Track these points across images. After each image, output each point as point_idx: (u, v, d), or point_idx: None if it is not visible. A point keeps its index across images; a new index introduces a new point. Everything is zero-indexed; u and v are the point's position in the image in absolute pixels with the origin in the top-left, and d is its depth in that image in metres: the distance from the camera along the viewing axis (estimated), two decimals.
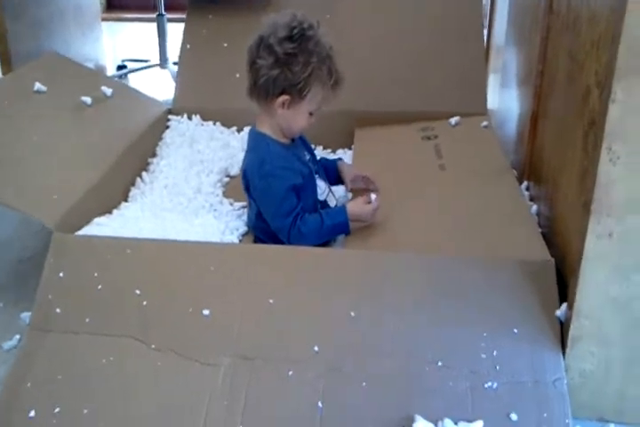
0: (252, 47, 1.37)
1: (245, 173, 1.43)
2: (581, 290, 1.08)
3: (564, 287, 1.15)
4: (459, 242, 1.30)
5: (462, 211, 1.39)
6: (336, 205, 1.52)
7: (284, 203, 1.36)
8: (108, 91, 1.82)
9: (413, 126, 1.80)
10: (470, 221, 1.35)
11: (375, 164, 1.63)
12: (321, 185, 1.49)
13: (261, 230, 1.44)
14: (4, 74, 2.25)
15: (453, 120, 1.78)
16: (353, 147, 1.81)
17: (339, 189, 1.60)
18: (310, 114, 1.40)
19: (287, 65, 1.34)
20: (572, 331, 1.10)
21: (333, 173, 1.58)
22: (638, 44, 0.94)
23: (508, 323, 1.13)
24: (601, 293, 1.08)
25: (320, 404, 1.07)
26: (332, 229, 1.37)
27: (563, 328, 1.12)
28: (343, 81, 1.40)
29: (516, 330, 1.12)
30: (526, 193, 1.51)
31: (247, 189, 1.43)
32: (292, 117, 1.39)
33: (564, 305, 1.12)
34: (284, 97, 1.36)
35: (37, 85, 1.69)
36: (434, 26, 1.99)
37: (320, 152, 1.86)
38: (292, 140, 1.47)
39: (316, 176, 1.49)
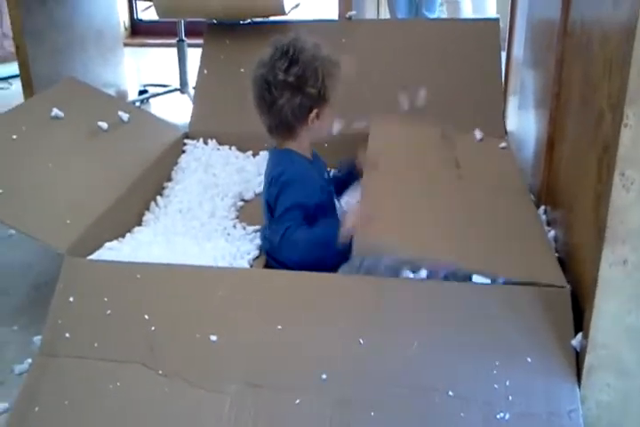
0: (261, 93, 1.38)
1: (268, 185, 1.42)
2: (596, 319, 1.05)
3: (581, 315, 1.12)
4: (473, 260, 1.25)
5: (478, 225, 1.35)
6: None
7: (288, 213, 1.36)
8: (125, 116, 1.83)
9: (434, 130, 1.75)
10: (486, 239, 1.31)
11: (390, 160, 1.56)
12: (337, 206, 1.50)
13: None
14: (26, 98, 2.28)
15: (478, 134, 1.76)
16: (369, 138, 1.66)
17: None
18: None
19: (303, 86, 1.35)
20: (588, 361, 1.07)
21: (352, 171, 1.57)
22: None
23: (521, 351, 1.10)
24: (616, 322, 1.04)
25: None
26: (321, 235, 1.34)
27: (578, 358, 1.09)
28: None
29: (529, 359, 1.09)
30: (544, 217, 1.49)
31: (269, 207, 1.42)
32: (322, 124, 1.41)
33: (580, 334, 1.09)
34: (315, 111, 1.38)
35: (55, 111, 1.70)
36: (451, 49, 1.98)
37: None
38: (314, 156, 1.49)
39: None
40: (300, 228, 1.34)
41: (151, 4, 2.17)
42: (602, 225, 1.02)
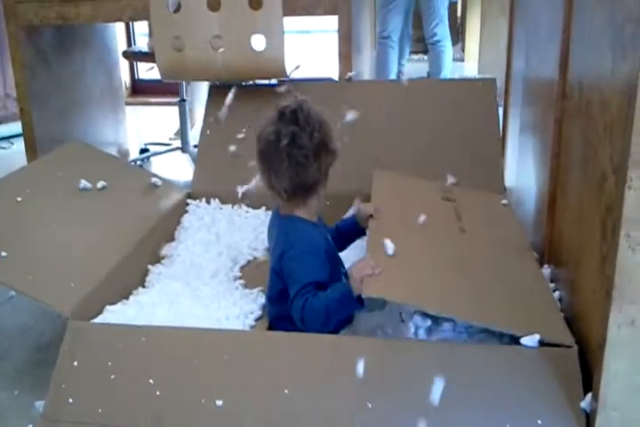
0: (290, 157, 1.34)
1: (279, 258, 1.40)
2: (606, 380, 1.04)
3: (589, 375, 1.11)
4: (477, 309, 1.24)
5: (483, 279, 1.35)
6: None
7: (304, 290, 1.30)
8: (158, 181, 1.90)
9: (433, 184, 1.76)
10: (490, 293, 1.31)
11: (393, 209, 1.56)
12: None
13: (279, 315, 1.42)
14: (29, 160, 2.30)
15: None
16: (372, 189, 1.67)
17: None
18: None
19: (329, 144, 1.37)
20: (599, 423, 1.06)
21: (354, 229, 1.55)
22: None
23: (531, 413, 1.09)
24: (626, 383, 1.04)
25: None
26: (339, 300, 1.28)
27: (589, 419, 1.08)
28: None
29: (540, 421, 1.08)
30: (548, 275, 1.49)
31: (277, 277, 1.41)
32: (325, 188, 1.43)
33: (589, 396, 1.08)
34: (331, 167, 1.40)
35: (83, 183, 1.73)
36: (449, 107, 2.02)
37: None
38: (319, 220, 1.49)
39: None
40: (317, 296, 1.30)
41: (154, 64, 2.21)
42: (608, 285, 1.02)
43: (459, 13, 6.43)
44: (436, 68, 3.84)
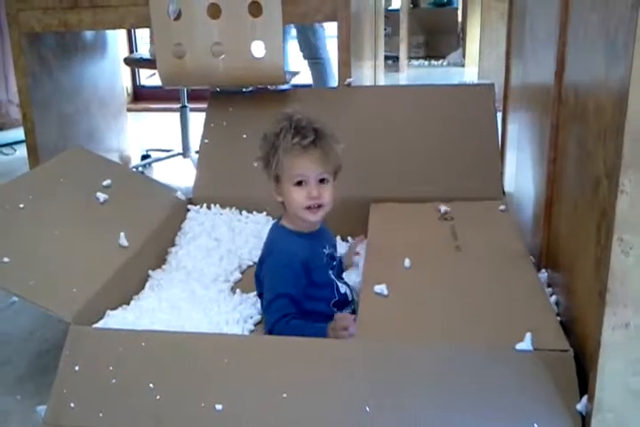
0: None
1: (260, 263, 1.45)
2: (601, 383, 1.04)
3: (586, 377, 1.12)
4: (474, 329, 1.26)
5: (479, 297, 1.36)
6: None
7: (275, 303, 1.37)
8: (182, 196, 1.96)
9: (429, 205, 1.79)
10: (487, 309, 1.32)
11: (390, 240, 1.61)
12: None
13: None
14: (31, 166, 2.32)
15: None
16: (369, 222, 1.74)
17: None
18: (299, 184, 1.41)
19: (267, 163, 1.44)
20: (595, 425, 1.06)
21: None
22: None
23: (527, 417, 1.09)
24: (622, 385, 1.04)
25: None
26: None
27: (584, 422, 1.09)
28: (312, 136, 1.39)
29: (536, 425, 1.08)
30: (545, 279, 1.50)
31: (257, 275, 1.46)
32: (285, 200, 1.44)
33: (585, 398, 1.09)
34: (274, 187, 1.44)
35: (98, 194, 1.75)
36: (448, 113, 2.03)
37: (338, 243, 1.83)
38: (318, 230, 1.50)
39: (330, 272, 1.50)
40: (289, 323, 1.35)
41: (155, 71, 2.22)
42: (602, 288, 1.03)
43: (459, 19, 6.45)
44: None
